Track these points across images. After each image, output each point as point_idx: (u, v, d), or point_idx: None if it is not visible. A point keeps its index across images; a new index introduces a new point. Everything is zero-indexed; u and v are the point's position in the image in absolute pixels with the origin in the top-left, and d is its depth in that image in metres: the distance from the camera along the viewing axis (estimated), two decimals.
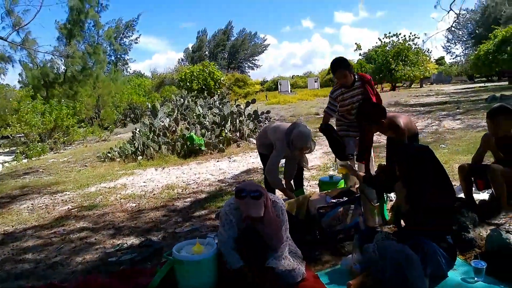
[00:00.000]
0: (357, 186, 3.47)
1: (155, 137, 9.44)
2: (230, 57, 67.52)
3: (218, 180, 6.15)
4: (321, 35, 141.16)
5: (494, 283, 2.25)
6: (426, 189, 2.36)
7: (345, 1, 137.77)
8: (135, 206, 5.02)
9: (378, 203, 3.20)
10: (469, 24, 50.50)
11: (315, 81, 46.34)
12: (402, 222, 2.65)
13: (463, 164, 3.35)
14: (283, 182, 3.96)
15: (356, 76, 3.67)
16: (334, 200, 3.12)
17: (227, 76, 38.91)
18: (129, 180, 6.78)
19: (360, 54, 40.39)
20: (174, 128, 10.08)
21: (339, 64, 3.59)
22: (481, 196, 3.53)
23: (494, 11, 38.66)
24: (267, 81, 58.06)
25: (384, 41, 37.62)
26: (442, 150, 6.46)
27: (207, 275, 2.37)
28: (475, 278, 2.30)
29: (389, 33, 37.08)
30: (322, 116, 4.15)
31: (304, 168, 4.31)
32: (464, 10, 41.59)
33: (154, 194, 5.56)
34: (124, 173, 7.49)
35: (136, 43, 46.40)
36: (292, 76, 63.31)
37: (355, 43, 30.57)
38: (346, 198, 3.11)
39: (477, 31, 47.41)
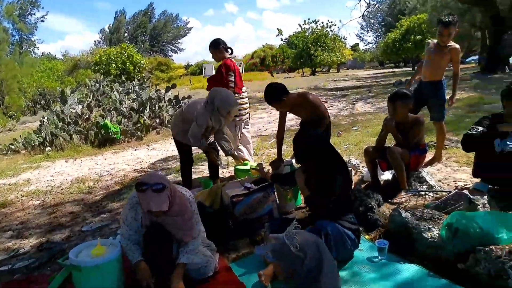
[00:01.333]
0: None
1: (65, 125, 8.63)
2: (152, 40, 64.46)
3: (134, 170, 5.84)
4: (245, 19, 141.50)
5: (395, 260, 2.40)
6: (330, 173, 2.42)
7: None
8: (39, 203, 4.54)
9: (291, 189, 3.24)
10: (379, 14, 54.19)
11: (240, 65, 46.18)
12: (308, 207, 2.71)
13: (368, 147, 3.53)
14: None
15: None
16: (248, 187, 3.09)
17: (149, 60, 37.16)
18: (34, 175, 6.13)
19: (282, 40, 41.26)
20: (87, 116, 9.32)
21: (209, 45, 4.28)
22: (386, 176, 3.77)
23: (399, 2, 41.89)
24: (191, 65, 56.75)
25: (304, 27, 38.82)
26: (354, 132, 6.84)
27: (110, 280, 2.15)
28: (379, 257, 2.43)
29: (308, 19, 38.37)
30: None
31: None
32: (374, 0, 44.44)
33: (62, 189, 5.09)
34: (29, 167, 6.77)
35: (42, 21, 41.86)
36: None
37: (277, 29, 31.09)
38: (260, 185, 3.09)
39: (386, 20, 51.14)
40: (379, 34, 54.93)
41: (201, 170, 5.23)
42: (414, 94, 4.01)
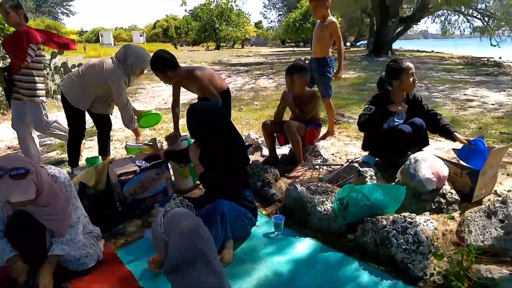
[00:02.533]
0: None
1: None
2: None
3: (8, 147, 5.03)
4: None
5: (291, 235, 2.39)
6: (227, 151, 2.27)
7: None
8: None
9: (188, 165, 3.04)
10: None
11: (141, 35, 43.57)
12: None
13: (266, 121, 3.48)
14: None
15: None
16: (139, 164, 2.79)
17: (35, 22, 32.53)
18: None
19: (186, 11, 39.69)
20: None
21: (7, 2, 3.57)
22: (283, 150, 3.79)
23: None
24: (86, 31, 51.51)
25: (209, 0, 37.77)
26: (256, 107, 6.86)
27: None
28: (275, 233, 2.39)
29: None
30: None
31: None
32: None
33: None
34: None
35: None
36: (116, 28, 57.93)
37: None
38: (153, 162, 2.82)
39: (288, 0, 52.58)
40: (281, 13, 56.33)
41: (89, 146, 4.71)
42: None
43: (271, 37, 50.50)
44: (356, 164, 2.91)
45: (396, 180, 2.68)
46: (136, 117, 3.56)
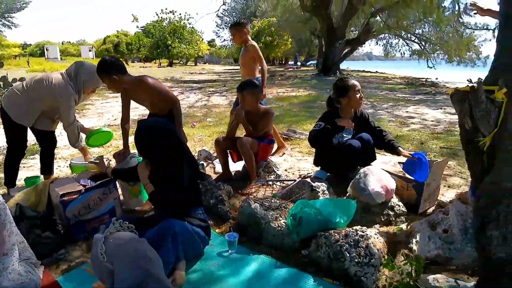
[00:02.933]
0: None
1: None
2: None
3: None
4: None
5: (245, 253, 2.33)
6: (177, 168, 2.19)
7: None
8: None
9: (137, 184, 2.91)
10: (234, 13, 56.44)
11: (90, 50, 42.24)
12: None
13: (219, 138, 3.45)
14: None
15: None
16: (84, 184, 2.62)
17: None
18: None
19: (137, 27, 39.14)
20: None
21: None
22: (237, 167, 3.76)
23: (252, 4, 44.49)
24: (30, 44, 49.05)
25: (161, 17, 37.56)
26: (208, 124, 6.82)
27: None
28: (229, 251, 2.33)
29: (166, 9, 37.23)
30: None
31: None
32: None
33: None
34: None
35: None
36: (62, 43, 55.68)
37: (132, 15, 29.00)
38: (99, 182, 2.66)
39: (240, 20, 53.49)
40: None
41: (31, 165, 4.39)
42: None
43: (224, 55, 51.00)
44: (308, 179, 2.94)
45: (347, 194, 2.74)
46: (85, 135, 3.39)
